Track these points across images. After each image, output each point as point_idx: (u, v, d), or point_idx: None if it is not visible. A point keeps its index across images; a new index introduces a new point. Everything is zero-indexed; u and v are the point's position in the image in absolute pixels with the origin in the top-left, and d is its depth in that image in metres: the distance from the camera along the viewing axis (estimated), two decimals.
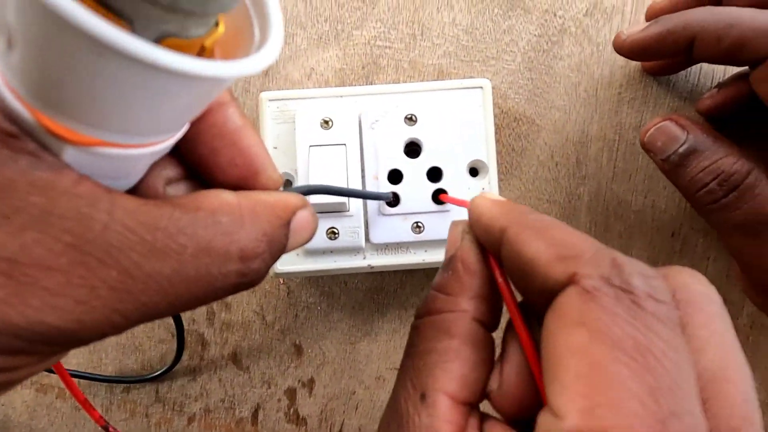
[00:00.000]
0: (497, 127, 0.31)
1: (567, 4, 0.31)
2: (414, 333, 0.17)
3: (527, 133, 0.31)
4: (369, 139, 0.28)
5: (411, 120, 0.28)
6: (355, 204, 0.27)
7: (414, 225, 0.27)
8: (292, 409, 0.32)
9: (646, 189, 0.31)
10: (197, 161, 0.16)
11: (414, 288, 0.32)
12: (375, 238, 0.28)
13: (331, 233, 0.27)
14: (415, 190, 0.27)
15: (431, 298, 0.17)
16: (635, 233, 0.31)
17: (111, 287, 0.12)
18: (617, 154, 0.31)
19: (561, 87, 0.31)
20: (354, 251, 0.28)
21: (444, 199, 0.27)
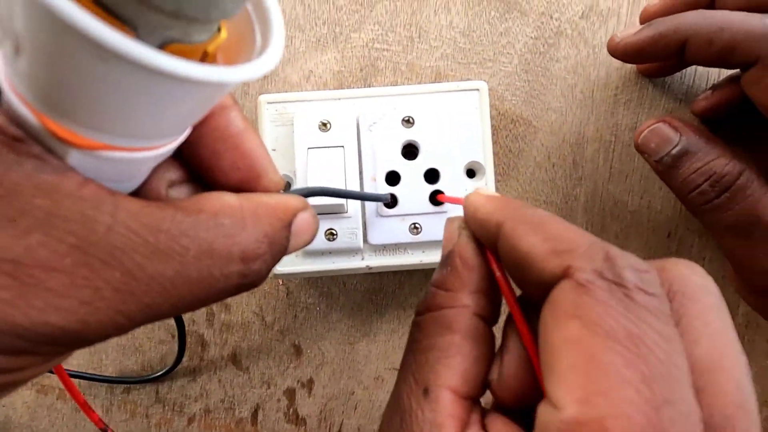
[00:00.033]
0: (494, 129, 0.31)
1: (563, 6, 0.31)
2: (415, 329, 0.17)
3: (524, 135, 0.31)
4: (367, 141, 0.28)
5: (408, 122, 0.28)
6: (353, 205, 0.27)
7: (411, 226, 0.28)
8: (291, 410, 0.32)
9: (642, 190, 0.31)
10: (199, 164, 0.16)
11: (412, 288, 0.32)
12: (373, 239, 0.28)
13: (330, 234, 0.27)
14: (413, 191, 0.27)
15: (431, 294, 0.17)
16: (631, 234, 0.31)
17: (114, 288, 0.12)
18: (613, 155, 0.31)
19: (557, 89, 0.31)
20: (352, 252, 0.28)
21: (441, 199, 0.27)
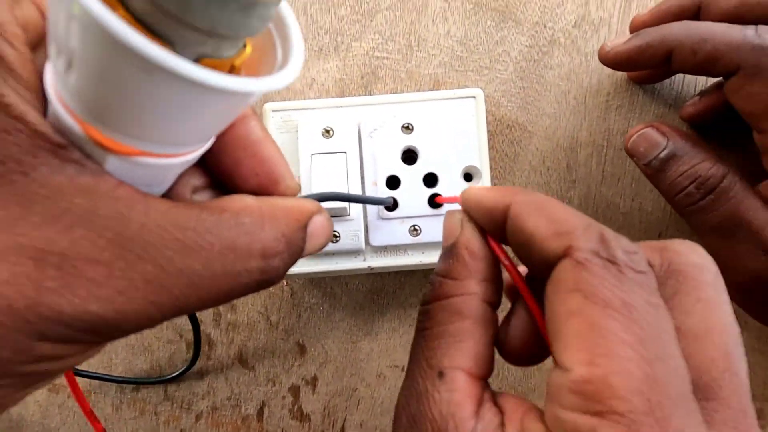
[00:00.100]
0: (491, 134, 0.32)
1: (556, 16, 0.32)
2: (424, 317, 0.18)
3: (519, 140, 0.32)
4: (368, 147, 0.28)
5: (408, 129, 0.28)
6: (355, 208, 0.28)
7: (411, 228, 0.28)
8: (296, 406, 0.33)
9: (633, 192, 0.32)
10: (221, 171, 0.17)
11: (413, 288, 0.32)
12: (374, 241, 0.28)
13: (333, 236, 0.28)
14: (413, 195, 0.28)
15: (438, 283, 0.18)
16: (623, 234, 0.32)
17: (147, 280, 0.13)
18: (605, 159, 0.32)
19: (551, 95, 0.32)
20: (355, 253, 0.29)
21: (439, 200, 0.28)
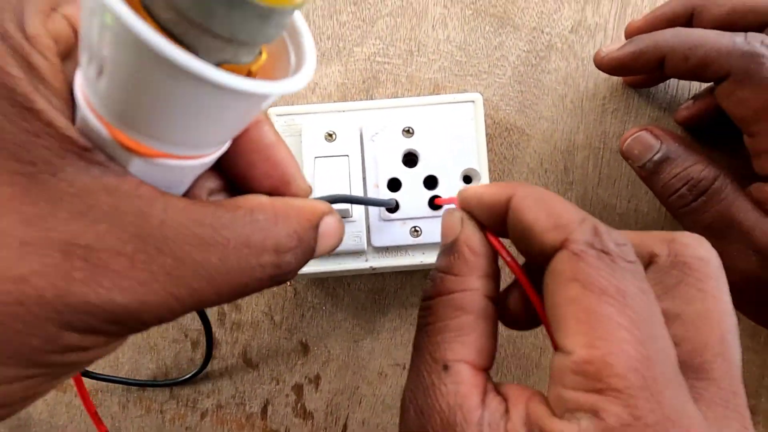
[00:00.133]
0: (490, 137, 0.32)
1: (554, 21, 0.32)
2: (426, 313, 0.18)
3: (518, 142, 0.32)
4: (370, 151, 0.29)
5: (408, 132, 0.29)
6: (358, 210, 0.29)
7: (412, 229, 0.29)
8: (299, 404, 0.33)
9: (629, 194, 0.32)
10: (235, 173, 0.17)
11: (413, 288, 0.33)
12: (376, 241, 0.29)
13: None
14: (413, 197, 0.29)
15: (439, 280, 0.18)
16: None
17: (167, 273, 0.13)
18: (602, 161, 0.32)
19: (549, 99, 0.32)
20: (357, 254, 0.29)
21: (438, 202, 0.29)
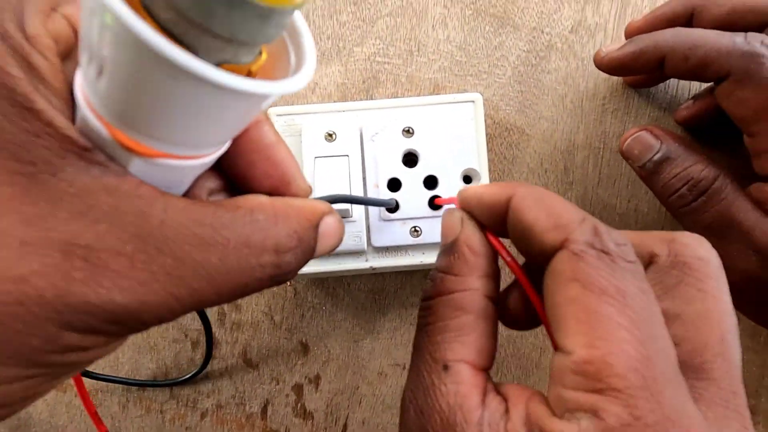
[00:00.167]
0: (489, 137, 0.32)
1: (554, 21, 0.32)
2: (426, 313, 0.18)
3: (518, 142, 0.32)
4: (370, 151, 0.29)
5: (408, 132, 0.29)
6: (358, 210, 0.29)
7: (412, 229, 0.29)
8: (299, 404, 0.33)
9: (629, 194, 0.32)
10: (235, 174, 0.17)
11: (413, 288, 0.33)
12: (376, 241, 0.29)
13: None
14: (413, 197, 0.29)
15: (439, 280, 0.18)
16: None
17: (167, 273, 0.13)
18: (602, 161, 0.32)
19: (549, 99, 0.32)
20: (357, 254, 0.29)
21: (438, 202, 0.29)
